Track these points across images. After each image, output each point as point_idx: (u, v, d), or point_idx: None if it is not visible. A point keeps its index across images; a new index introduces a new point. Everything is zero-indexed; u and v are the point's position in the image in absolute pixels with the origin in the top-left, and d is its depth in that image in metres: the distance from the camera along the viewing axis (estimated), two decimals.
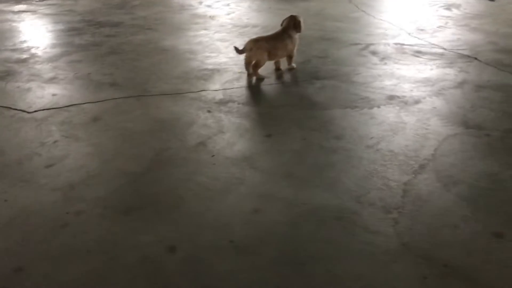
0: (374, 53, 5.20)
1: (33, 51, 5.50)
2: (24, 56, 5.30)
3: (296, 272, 2.21)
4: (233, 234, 2.46)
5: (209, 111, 3.86)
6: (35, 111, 3.89)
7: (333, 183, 2.87)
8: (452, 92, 4.11)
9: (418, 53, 5.13)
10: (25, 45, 5.73)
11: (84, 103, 4.03)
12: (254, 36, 4.77)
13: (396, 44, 5.50)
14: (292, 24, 4.62)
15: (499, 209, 2.61)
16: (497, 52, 5.13)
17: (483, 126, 3.51)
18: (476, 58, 4.93)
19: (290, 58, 4.72)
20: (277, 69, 4.77)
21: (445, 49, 5.26)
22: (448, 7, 7.36)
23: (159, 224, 2.55)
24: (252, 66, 4.49)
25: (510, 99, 3.95)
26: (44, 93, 4.26)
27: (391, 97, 4.03)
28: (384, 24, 6.43)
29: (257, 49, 4.38)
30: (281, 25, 4.71)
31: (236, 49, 4.49)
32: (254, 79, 4.50)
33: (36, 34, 6.29)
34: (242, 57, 4.67)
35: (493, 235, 2.41)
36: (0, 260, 2.32)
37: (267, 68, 4.64)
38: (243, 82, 4.48)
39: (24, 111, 3.89)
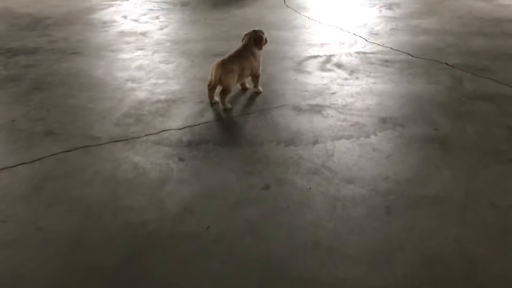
0: (339, 65, 4.76)
1: None
2: None
3: None
4: None
5: (181, 159, 3.17)
6: None
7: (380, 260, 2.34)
8: (447, 108, 3.75)
9: (386, 63, 4.77)
10: None
11: (15, 166, 3.15)
12: (216, 58, 4.10)
13: (358, 53, 5.11)
14: (252, 40, 4.03)
15: None
16: (463, 55, 4.91)
17: None
18: (447, 64, 4.66)
19: (256, 78, 4.13)
20: (244, 89, 4.18)
21: (411, 55, 4.95)
22: (390, 7, 7.17)
23: None
24: (219, 94, 3.84)
25: (507, 111, 3.67)
26: None
27: (383, 120, 3.58)
28: (335, 31, 6.04)
29: (227, 74, 3.74)
30: (242, 40, 4.11)
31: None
32: (221, 109, 3.86)
33: None
34: (197, 82, 4.00)
35: None
36: None
37: (231, 96, 4.01)
38: (209, 114, 3.82)
39: None
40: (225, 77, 3.75)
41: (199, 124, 3.66)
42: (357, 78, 4.41)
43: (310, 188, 2.78)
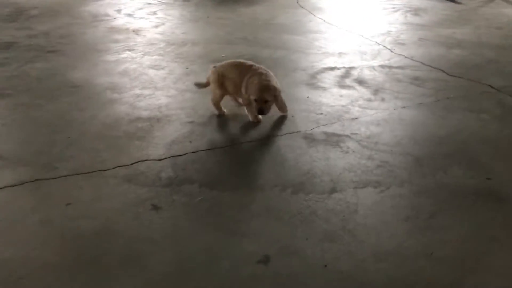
0: (361, 82, 3.98)
1: None
2: None
3: None
4: None
5: (155, 207, 2.40)
6: None
7: None
8: (498, 147, 2.97)
9: (416, 81, 3.98)
10: None
11: None
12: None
13: (382, 66, 4.32)
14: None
15: None
16: (508, 75, 4.13)
17: None
18: (491, 86, 3.87)
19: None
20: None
21: (446, 73, 4.16)
22: (416, 12, 6.36)
23: None
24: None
25: None
26: None
27: (419, 162, 2.80)
28: (355, 37, 5.25)
29: None
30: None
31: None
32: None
33: None
34: (189, 94, 3.26)
35: None
36: None
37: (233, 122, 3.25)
38: (199, 139, 3.06)
39: None
40: None
41: (184, 154, 2.90)
42: (383, 100, 3.63)
43: (326, 266, 2.02)
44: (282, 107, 3.33)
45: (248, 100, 3.18)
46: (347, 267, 2.01)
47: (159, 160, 2.83)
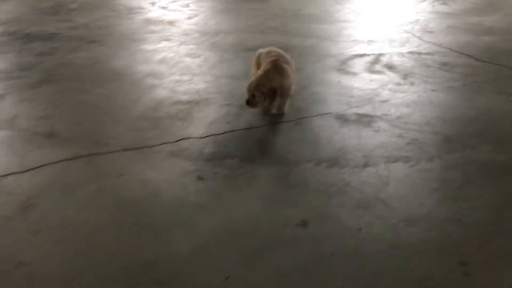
0: (390, 67, 4.11)
1: None
2: None
3: None
4: None
5: (200, 178, 2.61)
6: None
7: None
8: None
9: (445, 66, 4.08)
10: None
11: (6, 175, 2.66)
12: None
13: (411, 53, 4.43)
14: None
15: None
16: None
17: None
18: None
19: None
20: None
21: (474, 58, 4.24)
22: (444, 1, 6.42)
23: None
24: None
25: None
26: None
27: (448, 139, 2.93)
28: (383, 26, 5.36)
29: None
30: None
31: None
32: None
33: None
34: (225, 80, 3.45)
35: None
36: None
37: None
38: (236, 120, 3.25)
39: None
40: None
41: (224, 133, 3.10)
42: (412, 84, 3.75)
43: (360, 229, 2.18)
44: (280, 107, 3.28)
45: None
46: (380, 230, 2.18)
47: (201, 138, 3.04)
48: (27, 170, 2.70)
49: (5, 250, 2.11)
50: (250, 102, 3.18)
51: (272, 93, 3.14)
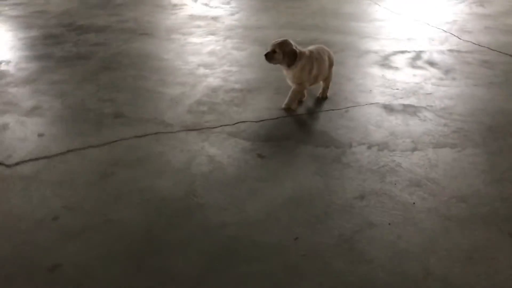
0: (432, 63, 4.28)
1: (3, 67, 4.31)
2: None
3: None
4: None
5: (260, 156, 2.84)
6: (17, 163, 2.76)
7: None
8: None
9: (486, 64, 4.24)
10: None
11: (84, 148, 2.93)
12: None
13: (451, 51, 4.59)
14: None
15: None
16: None
17: None
18: None
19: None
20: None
21: None
22: (481, 3, 6.54)
23: None
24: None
25: None
26: (27, 132, 3.13)
27: (491, 129, 3.11)
28: (421, 25, 5.52)
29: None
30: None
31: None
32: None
33: (4, 43, 5.06)
34: (272, 72, 3.67)
35: None
36: None
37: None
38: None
39: (1, 163, 2.77)
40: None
41: (277, 118, 3.32)
42: (454, 79, 3.92)
43: (414, 203, 2.38)
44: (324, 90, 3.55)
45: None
46: (432, 205, 2.37)
47: (256, 122, 3.27)
48: (103, 144, 2.96)
49: (94, 210, 2.36)
50: (268, 55, 3.28)
51: (293, 56, 3.25)
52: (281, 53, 3.27)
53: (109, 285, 1.92)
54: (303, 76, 3.32)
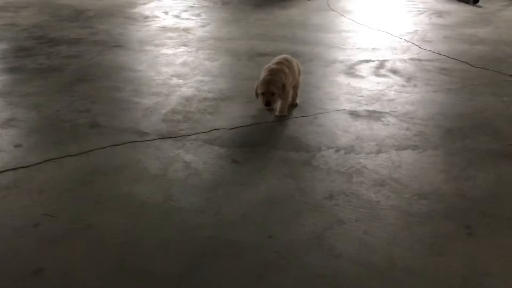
0: (394, 71, 4.52)
1: None
2: None
3: None
4: None
5: (235, 161, 2.97)
6: None
7: None
8: None
9: (444, 71, 4.51)
10: None
11: (62, 157, 3.00)
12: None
13: (412, 59, 4.86)
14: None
15: None
16: None
17: None
18: (511, 76, 4.36)
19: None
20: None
21: (470, 65, 4.67)
22: (440, 15, 6.89)
23: None
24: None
25: None
26: (3, 143, 3.17)
27: (450, 132, 3.33)
28: (385, 36, 5.80)
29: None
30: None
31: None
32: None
33: None
34: (245, 81, 3.82)
35: None
36: None
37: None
38: (260, 114, 3.62)
39: None
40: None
41: (250, 125, 3.46)
42: (415, 86, 4.16)
43: (378, 201, 2.55)
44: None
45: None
46: (395, 202, 2.55)
47: (230, 129, 3.40)
48: (80, 153, 3.04)
49: (75, 216, 2.44)
50: (270, 102, 3.42)
51: (283, 89, 3.44)
52: (278, 90, 3.39)
53: (91, 286, 2.00)
54: (286, 82, 3.47)
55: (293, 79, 3.61)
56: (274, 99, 3.47)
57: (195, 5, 7.61)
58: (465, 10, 7.18)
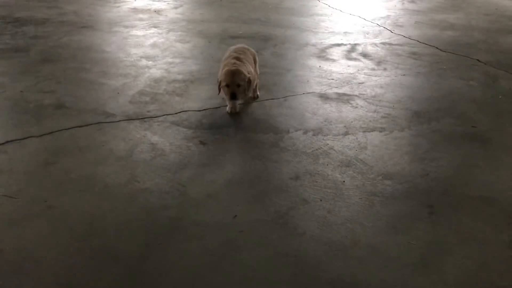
0: (365, 55, 4.54)
1: None
2: None
3: None
4: None
5: (202, 143, 2.95)
6: None
7: None
8: (483, 105, 3.55)
9: (414, 55, 4.55)
10: None
11: (24, 138, 2.92)
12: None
13: (383, 44, 4.88)
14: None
15: None
16: (494, 52, 4.71)
17: None
18: (478, 60, 4.44)
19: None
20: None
21: (439, 49, 4.73)
22: (412, 0, 6.93)
23: None
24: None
25: None
26: None
27: (417, 114, 3.37)
28: (358, 20, 5.81)
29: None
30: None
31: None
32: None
33: None
34: (215, 63, 3.77)
35: None
36: None
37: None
38: None
39: None
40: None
41: (219, 107, 3.44)
42: (385, 69, 4.19)
43: (343, 182, 2.57)
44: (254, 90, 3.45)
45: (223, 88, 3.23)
46: (360, 182, 2.57)
47: (199, 111, 3.37)
48: (43, 135, 2.96)
49: (36, 197, 2.38)
50: (236, 94, 3.16)
51: (248, 81, 3.22)
52: (245, 83, 3.17)
53: (51, 266, 1.96)
54: (250, 69, 3.36)
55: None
56: (239, 91, 3.19)
57: None
58: None
